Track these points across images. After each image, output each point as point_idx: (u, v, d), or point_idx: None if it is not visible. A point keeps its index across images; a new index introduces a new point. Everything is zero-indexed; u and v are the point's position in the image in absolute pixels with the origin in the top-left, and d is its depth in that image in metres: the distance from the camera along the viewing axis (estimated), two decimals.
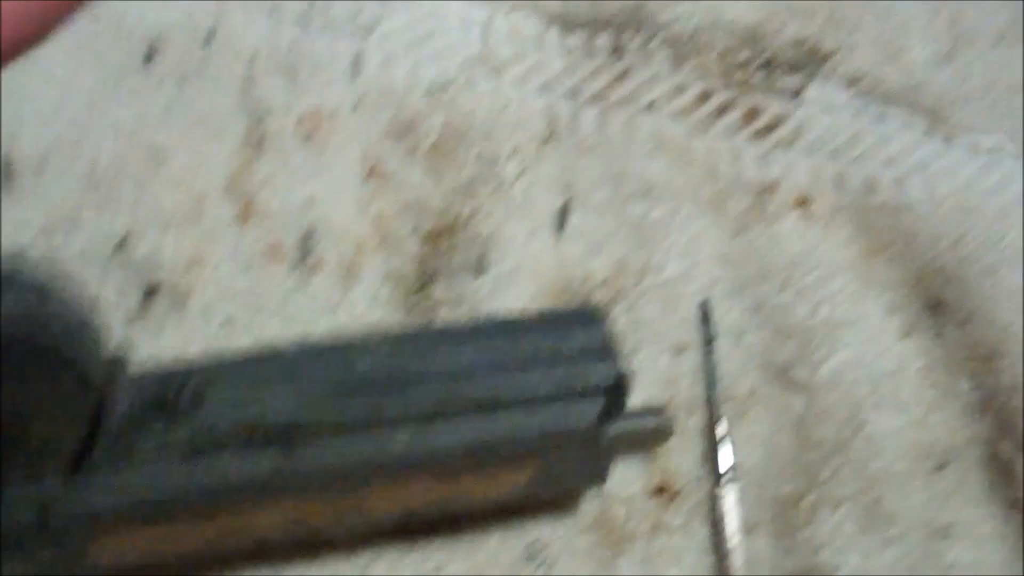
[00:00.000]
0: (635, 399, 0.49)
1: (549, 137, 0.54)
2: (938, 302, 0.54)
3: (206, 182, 0.49)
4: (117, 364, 0.36)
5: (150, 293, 0.47)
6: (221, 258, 0.48)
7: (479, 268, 0.50)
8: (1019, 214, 0.57)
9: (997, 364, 0.52)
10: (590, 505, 0.48)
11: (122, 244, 0.47)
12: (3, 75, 0.46)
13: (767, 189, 0.55)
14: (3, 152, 0.47)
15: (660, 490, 0.49)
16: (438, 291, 0.50)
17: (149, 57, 0.50)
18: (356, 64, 0.53)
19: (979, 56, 0.62)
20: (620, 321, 0.51)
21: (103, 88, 0.49)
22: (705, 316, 0.52)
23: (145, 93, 0.49)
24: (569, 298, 0.52)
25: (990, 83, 0.61)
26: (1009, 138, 0.60)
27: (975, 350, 0.53)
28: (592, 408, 0.41)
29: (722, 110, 0.57)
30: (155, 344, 0.46)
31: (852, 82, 0.59)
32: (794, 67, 0.58)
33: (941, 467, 0.51)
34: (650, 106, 0.56)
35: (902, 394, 0.52)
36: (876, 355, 0.53)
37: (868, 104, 0.59)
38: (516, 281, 0.51)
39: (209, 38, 0.51)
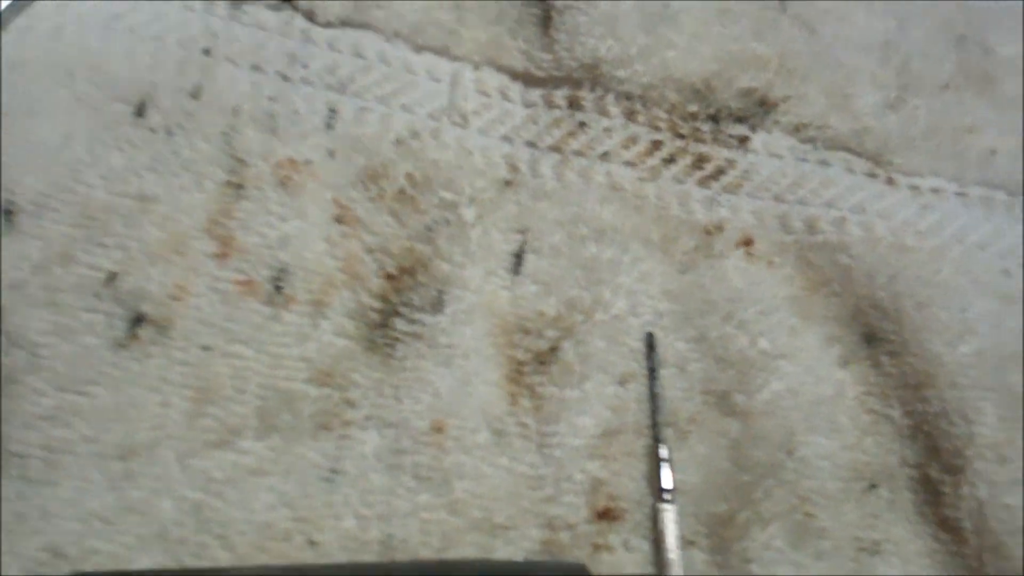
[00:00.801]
0: (583, 426, 0.53)
1: (508, 184, 0.56)
2: (874, 334, 0.56)
3: (189, 222, 0.51)
4: None
5: (136, 322, 0.49)
6: (201, 291, 0.50)
7: (437, 306, 0.52)
8: (953, 253, 0.58)
9: (927, 392, 0.54)
10: (535, 531, 0.50)
11: (111, 278, 0.49)
12: (10, 124, 0.51)
13: (713, 230, 0.57)
14: (6, 194, 0.50)
15: (604, 512, 0.51)
16: (399, 326, 0.52)
17: (140, 111, 0.52)
18: (331, 116, 0.55)
19: (925, 102, 0.62)
20: (569, 354, 0.53)
21: (98, 137, 0.51)
22: (650, 347, 0.54)
23: (136, 142, 0.52)
24: (521, 336, 0.54)
25: (934, 128, 0.62)
26: (949, 180, 0.61)
27: (907, 379, 0.54)
28: None
29: (672, 158, 0.58)
30: (141, 367, 0.49)
31: (798, 129, 0.60)
32: (741, 117, 0.59)
33: (872, 487, 0.53)
34: (604, 155, 0.57)
35: (838, 419, 0.54)
36: (814, 383, 0.54)
37: (812, 149, 0.60)
38: (472, 319, 0.52)
39: (196, 92, 0.53)
